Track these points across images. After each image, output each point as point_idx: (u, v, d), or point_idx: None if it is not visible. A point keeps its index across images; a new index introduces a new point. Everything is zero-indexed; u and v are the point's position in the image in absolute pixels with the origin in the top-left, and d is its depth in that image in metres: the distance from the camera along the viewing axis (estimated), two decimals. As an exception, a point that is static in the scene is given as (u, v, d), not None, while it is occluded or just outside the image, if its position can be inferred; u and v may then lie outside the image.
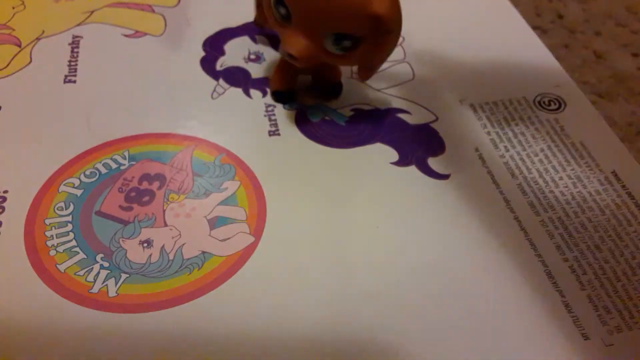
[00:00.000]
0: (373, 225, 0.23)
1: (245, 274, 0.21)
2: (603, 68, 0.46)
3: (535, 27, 0.49)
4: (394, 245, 0.22)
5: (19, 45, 0.28)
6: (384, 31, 0.22)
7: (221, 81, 0.29)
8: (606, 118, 0.40)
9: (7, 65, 0.27)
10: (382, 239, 0.23)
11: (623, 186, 0.25)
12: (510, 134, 0.27)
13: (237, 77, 0.29)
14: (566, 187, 0.25)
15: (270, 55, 0.30)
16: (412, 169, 0.25)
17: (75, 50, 0.28)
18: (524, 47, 0.33)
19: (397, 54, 0.32)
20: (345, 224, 0.23)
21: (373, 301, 0.20)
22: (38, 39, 0.28)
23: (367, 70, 0.24)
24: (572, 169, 0.26)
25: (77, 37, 0.29)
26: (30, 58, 0.27)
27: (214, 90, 0.28)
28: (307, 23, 0.22)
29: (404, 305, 0.20)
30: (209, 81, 0.28)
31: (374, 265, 0.22)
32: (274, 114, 0.27)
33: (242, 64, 0.30)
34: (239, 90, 0.28)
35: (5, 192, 0.22)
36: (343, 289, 0.21)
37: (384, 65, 0.29)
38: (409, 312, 0.20)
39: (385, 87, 0.29)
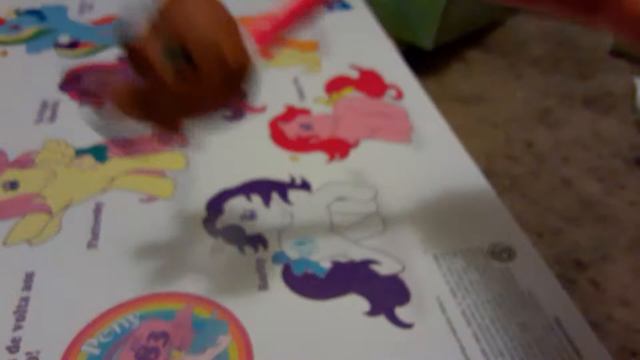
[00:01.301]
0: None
1: None
2: (570, 194, 0.51)
3: (506, 156, 0.56)
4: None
5: (50, 213, 0.33)
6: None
7: (220, 239, 0.34)
8: (574, 245, 0.45)
9: (40, 232, 0.32)
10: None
11: (564, 332, 0.29)
12: (467, 283, 0.32)
13: (233, 235, 0.34)
14: (515, 333, 0.29)
15: (263, 212, 0.36)
16: (381, 319, 0.30)
17: (99, 217, 0.34)
18: (478, 198, 0.38)
19: (369, 206, 0.37)
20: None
21: None
22: (67, 206, 0.34)
23: None
24: (520, 317, 0.30)
25: (100, 204, 0.34)
26: (60, 226, 0.33)
27: (213, 247, 0.33)
28: None
29: None
30: (209, 239, 0.33)
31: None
32: (263, 269, 0.32)
33: (238, 221, 0.35)
34: (234, 248, 0.33)
35: (38, 352, 0.27)
36: None
37: (358, 217, 0.35)
38: None
39: (360, 238, 0.34)
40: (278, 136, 0.43)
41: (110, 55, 0.48)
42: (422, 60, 0.50)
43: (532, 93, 0.69)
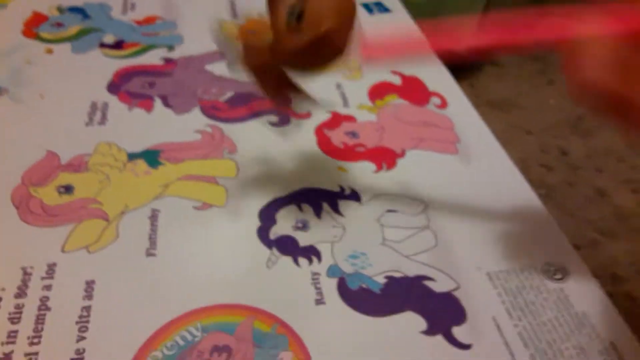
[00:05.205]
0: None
1: None
2: (605, 205, 0.50)
3: (541, 165, 0.55)
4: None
5: (107, 220, 0.34)
6: None
7: (274, 250, 0.34)
8: (609, 258, 0.44)
9: (98, 239, 0.32)
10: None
11: (620, 357, 0.29)
12: (522, 303, 0.32)
13: (287, 246, 0.34)
14: (571, 357, 0.29)
15: (315, 223, 0.36)
16: (439, 339, 0.30)
17: (155, 223, 0.34)
18: (528, 214, 0.38)
19: (420, 220, 0.37)
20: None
21: None
22: (123, 212, 0.34)
23: None
24: (576, 339, 0.30)
25: (155, 210, 0.35)
26: (117, 233, 0.33)
27: (269, 259, 0.33)
28: None
29: None
30: (264, 250, 0.34)
31: None
32: (318, 282, 0.32)
33: (291, 232, 0.35)
34: (289, 259, 0.33)
35: (103, 362, 0.27)
36: None
37: (409, 231, 0.35)
38: None
39: (412, 253, 0.34)
40: (325, 143, 0.42)
41: (156, 56, 0.48)
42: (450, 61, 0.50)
43: (565, 100, 0.69)
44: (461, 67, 0.54)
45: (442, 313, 0.31)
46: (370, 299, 0.32)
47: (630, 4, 0.26)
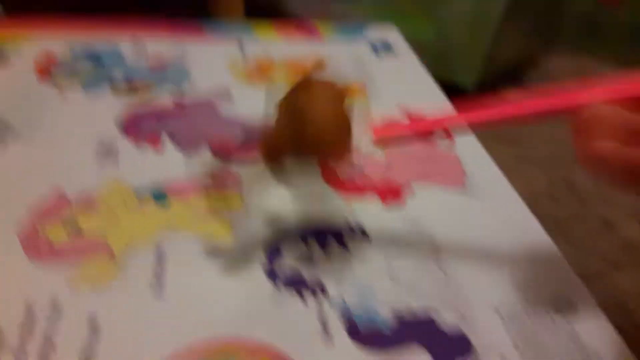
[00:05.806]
0: None
1: None
2: (612, 238, 0.50)
3: (548, 197, 0.55)
4: None
5: (113, 256, 0.34)
6: None
7: (279, 284, 0.34)
8: (617, 290, 0.44)
9: (104, 276, 0.33)
10: None
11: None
12: (531, 340, 0.31)
13: (293, 281, 0.34)
14: (584, 395, 0.29)
15: (321, 258, 0.36)
16: (447, 377, 0.29)
17: (161, 261, 0.34)
18: (537, 249, 0.38)
19: (427, 254, 0.37)
20: None
21: None
22: (129, 249, 0.34)
23: None
24: (590, 378, 0.29)
25: (162, 248, 0.35)
26: (123, 271, 0.33)
27: (273, 293, 0.33)
28: None
29: None
30: (268, 285, 0.33)
31: None
32: (324, 317, 0.32)
33: (296, 266, 0.35)
34: (295, 294, 0.33)
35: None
36: None
37: (417, 266, 0.35)
38: None
39: (420, 289, 0.34)
40: (330, 176, 0.43)
41: (166, 98, 0.49)
42: (457, 96, 0.50)
43: (570, 133, 0.68)
44: (462, 101, 0.55)
45: (450, 349, 0.31)
46: (377, 334, 0.31)
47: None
